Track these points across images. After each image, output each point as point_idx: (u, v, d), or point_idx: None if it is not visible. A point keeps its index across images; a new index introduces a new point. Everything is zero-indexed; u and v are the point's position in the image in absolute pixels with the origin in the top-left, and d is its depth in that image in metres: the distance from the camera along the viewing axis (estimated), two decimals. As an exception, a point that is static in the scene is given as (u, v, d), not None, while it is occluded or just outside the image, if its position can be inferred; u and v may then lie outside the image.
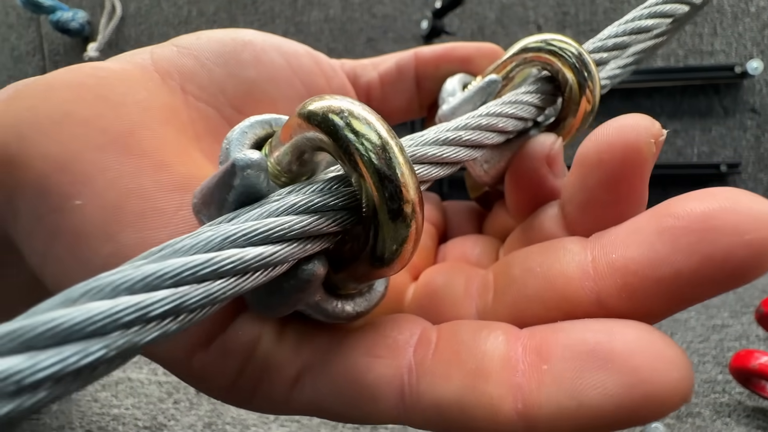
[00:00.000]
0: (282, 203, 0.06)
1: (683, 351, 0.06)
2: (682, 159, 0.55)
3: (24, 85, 0.08)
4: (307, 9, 0.63)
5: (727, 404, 0.22)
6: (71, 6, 0.70)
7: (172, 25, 0.69)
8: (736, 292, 0.40)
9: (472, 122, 0.09)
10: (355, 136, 0.06)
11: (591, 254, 0.07)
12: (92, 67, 0.08)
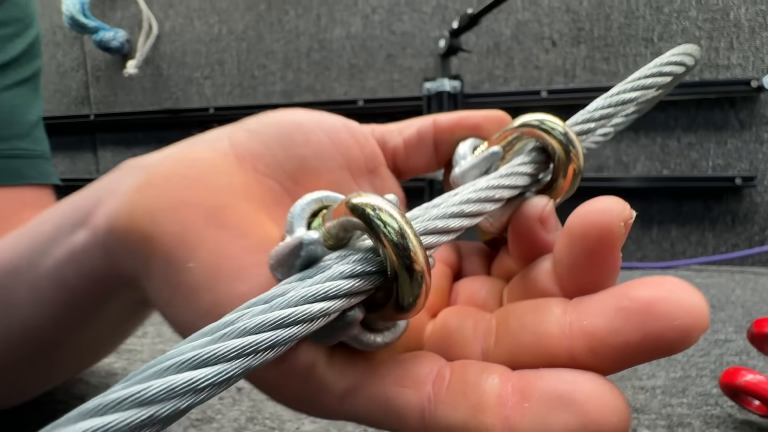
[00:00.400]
0: (335, 270, 0.09)
1: (624, 398, 0.08)
2: (696, 172, 0.56)
3: (148, 175, 0.11)
4: (330, 27, 0.66)
5: (717, 416, 0.24)
6: (112, 26, 0.75)
7: (203, 42, 0.73)
8: (745, 306, 0.41)
9: (473, 196, 0.11)
10: (383, 225, 0.09)
11: (569, 318, 0.09)
12: (191, 159, 0.11)
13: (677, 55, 0.15)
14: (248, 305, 0.08)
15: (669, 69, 0.15)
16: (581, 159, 0.13)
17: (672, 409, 0.24)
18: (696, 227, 0.57)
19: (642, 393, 0.26)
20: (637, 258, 0.59)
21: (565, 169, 0.13)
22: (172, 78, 0.75)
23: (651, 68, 0.15)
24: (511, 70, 0.60)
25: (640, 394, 0.26)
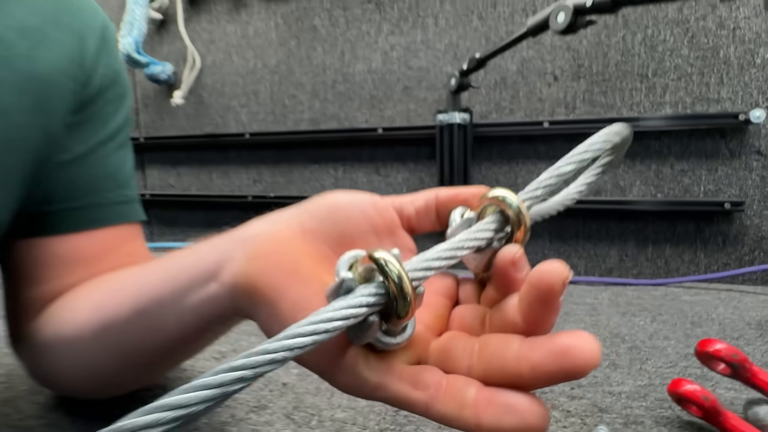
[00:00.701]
0: (359, 293, 0.15)
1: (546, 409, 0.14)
2: (689, 196, 0.60)
3: (254, 249, 0.17)
4: (352, 62, 0.73)
5: (667, 417, 0.29)
6: (160, 60, 0.84)
7: (240, 75, 0.81)
8: (722, 323, 0.45)
9: (448, 247, 0.17)
10: (388, 269, 0.15)
11: (522, 351, 0.14)
12: (277, 237, 0.18)
13: (605, 135, 0.20)
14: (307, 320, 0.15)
15: (598, 146, 0.20)
16: (527, 222, 0.18)
17: (631, 411, 0.29)
18: (689, 247, 0.61)
19: (609, 396, 0.31)
20: (633, 275, 0.64)
21: (518, 228, 0.18)
22: (212, 106, 0.84)
23: (584, 147, 0.19)
24: (516, 102, 0.65)
25: (608, 398, 0.31)
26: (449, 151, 0.65)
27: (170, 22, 0.83)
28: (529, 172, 0.66)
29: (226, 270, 0.18)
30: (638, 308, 0.50)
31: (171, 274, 0.21)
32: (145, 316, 0.21)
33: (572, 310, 0.49)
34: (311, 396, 0.31)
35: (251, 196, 0.81)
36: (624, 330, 0.43)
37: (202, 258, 0.20)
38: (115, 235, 0.31)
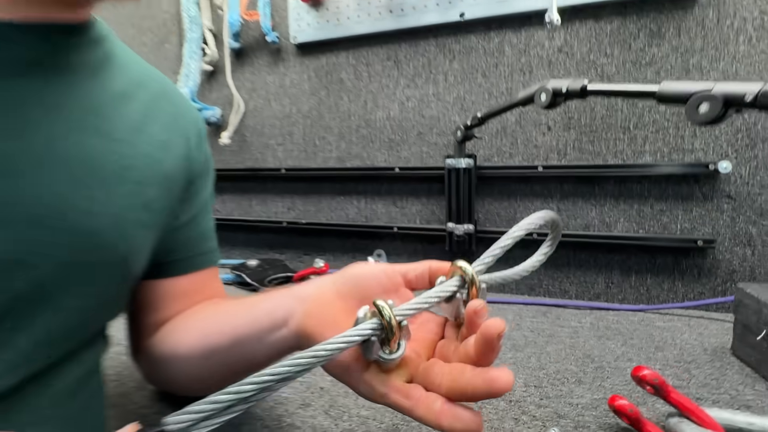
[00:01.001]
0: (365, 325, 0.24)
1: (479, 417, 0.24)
2: (667, 233, 0.68)
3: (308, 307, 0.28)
4: (374, 110, 0.84)
5: (608, 424, 0.38)
6: (210, 105, 0.97)
7: (278, 118, 0.94)
8: (683, 348, 0.53)
9: (423, 298, 0.27)
10: (384, 312, 0.24)
11: (470, 376, 0.24)
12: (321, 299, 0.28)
13: (533, 218, 0.29)
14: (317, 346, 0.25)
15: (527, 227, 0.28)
16: (478, 283, 0.27)
17: (582, 418, 0.38)
18: (667, 277, 0.69)
19: (569, 406, 0.40)
20: (618, 300, 0.71)
21: (472, 287, 0.27)
22: (253, 144, 0.96)
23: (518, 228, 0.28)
24: (515, 148, 0.75)
25: (567, 407, 0.40)
26: (456, 190, 0.75)
27: (219, 72, 0.96)
28: (526, 207, 0.75)
29: (291, 322, 0.29)
30: (614, 332, 0.58)
31: (255, 318, 0.32)
32: (239, 347, 0.32)
33: (556, 332, 0.58)
34: (342, 398, 0.42)
35: (285, 222, 0.93)
36: (596, 352, 0.52)
37: (275, 310, 0.31)
38: (205, 276, 0.42)
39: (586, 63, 0.69)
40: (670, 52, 0.65)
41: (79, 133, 0.29)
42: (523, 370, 0.47)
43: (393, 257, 0.86)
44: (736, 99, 0.33)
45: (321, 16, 0.84)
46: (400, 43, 0.80)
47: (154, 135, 0.36)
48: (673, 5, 0.64)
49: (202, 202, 0.42)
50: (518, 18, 0.71)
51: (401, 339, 0.25)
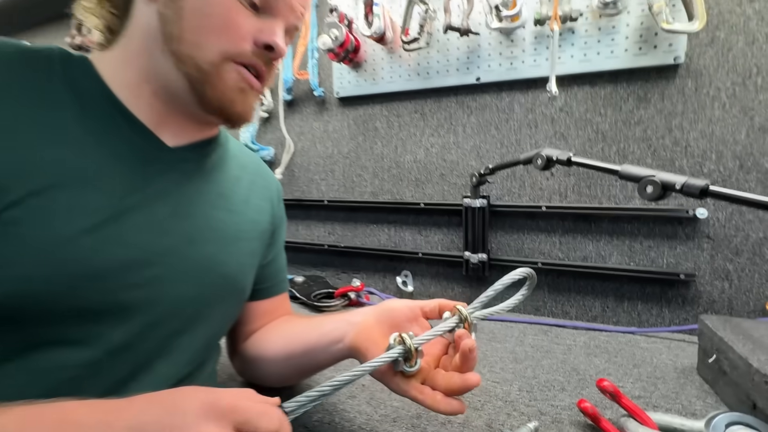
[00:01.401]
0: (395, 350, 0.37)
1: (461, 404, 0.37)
2: (654, 266, 0.78)
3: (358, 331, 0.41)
4: (403, 154, 0.99)
5: (578, 421, 0.49)
6: (265, 145, 1.15)
7: (321, 158, 1.10)
8: (657, 367, 0.63)
9: (433, 330, 0.40)
10: (407, 342, 0.38)
11: (457, 379, 0.37)
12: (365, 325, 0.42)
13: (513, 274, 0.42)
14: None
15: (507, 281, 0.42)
16: (470, 320, 0.40)
17: (558, 415, 0.51)
18: (656, 304, 0.79)
19: (550, 407, 0.53)
20: (613, 322, 0.82)
21: (465, 322, 0.41)
22: (300, 178, 1.13)
23: (500, 282, 0.42)
24: (523, 190, 0.87)
25: (549, 407, 0.52)
26: (472, 224, 0.88)
27: (273, 118, 1.14)
28: (532, 240, 0.87)
29: (346, 339, 0.42)
30: (602, 350, 0.69)
31: (321, 334, 0.46)
32: (309, 354, 0.47)
33: (552, 348, 0.70)
34: (379, 392, 0.56)
35: (327, 245, 1.09)
36: (582, 367, 0.63)
37: (335, 330, 0.44)
38: (280, 299, 0.58)
39: (584, 121, 0.81)
40: (655, 114, 0.76)
41: (215, 210, 0.45)
42: (519, 379, 0.59)
43: (418, 277, 1.00)
44: (670, 185, 0.45)
45: (360, 76, 1.00)
46: (426, 99, 0.95)
47: (255, 203, 0.52)
48: (658, 75, 0.75)
49: (280, 245, 0.58)
50: (525, 82, 0.84)
51: (418, 358, 0.39)
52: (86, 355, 0.33)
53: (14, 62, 0.34)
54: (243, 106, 0.40)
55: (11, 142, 0.31)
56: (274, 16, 0.39)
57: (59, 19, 1.54)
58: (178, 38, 0.37)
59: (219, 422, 0.26)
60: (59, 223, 0.32)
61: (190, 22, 0.36)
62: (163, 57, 0.37)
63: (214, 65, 0.37)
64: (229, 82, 0.38)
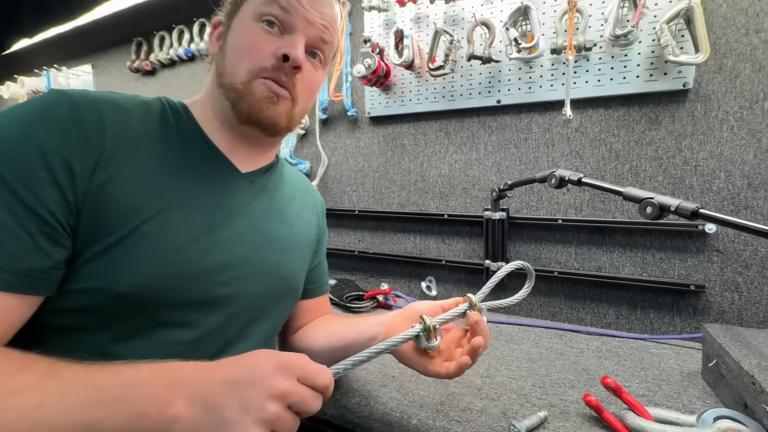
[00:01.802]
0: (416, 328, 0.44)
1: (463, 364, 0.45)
2: (666, 277, 0.82)
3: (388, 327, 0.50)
4: (428, 169, 1.07)
5: (583, 413, 0.55)
6: (302, 159, 1.26)
7: (353, 171, 1.19)
8: (664, 370, 0.68)
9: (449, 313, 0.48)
10: (426, 320, 0.46)
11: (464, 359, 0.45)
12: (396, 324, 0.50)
13: (509, 266, 0.49)
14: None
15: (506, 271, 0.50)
16: (479, 305, 0.48)
17: (566, 407, 0.57)
18: (667, 313, 0.83)
19: (560, 400, 0.59)
20: (626, 329, 0.87)
21: (475, 308, 0.48)
22: (333, 190, 1.23)
23: (500, 272, 0.50)
24: (540, 204, 0.93)
25: (559, 400, 0.59)
26: (492, 235, 0.95)
27: (310, 135, 1.24)
28: (549, 251, 0.93)
29: (380, 337, 0.50)
30: (613, 354, 0.75)
31: (358, 332, 0.54)
32: (348, 349, 0.54)
33: (566, 351, 0.76)
34: (407, 382, 0.64)
35: (357, 251, 1.18)
36: (592, 368, 0.69)
37: (369, 329, 0.52)
38: (323, 299, 0.67)
39: (598, 140, 0.86)
40: (666, 135, 0.81)
41: (277, 223, 0.55)
42: (533, 376, 0.66)
43: (441, 283, 1.07)
44: (666, 207, 0.51)
45: (389, 98, 1.09)
46: (450, 119, 1.03)
47: (305, 217, 0.61)
48: (668, 99, 0.80)
49: (323, 252, 0.68)
50: (543, 104, 0.91)
51: (437, 336, 0.46)
52: (189, 335, 0.43)
53: (140, 111, 0.45)
54: (271, 113, 0.46)
55: (147, 175, 0.41)
56: (294, 32, 0.46)
57: (121, 44, 1.71)
58: (222, 73, 0.47)
59: (287, 375, 0.34)
60: (173, 235, 0.42)
61: (229, 57, 0.46)
62: (218, 91, 0.48)
63: (244, 84, 0.45)
64: (257, 94, 0.46)
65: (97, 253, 0.38)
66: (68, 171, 0.37)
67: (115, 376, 0.33)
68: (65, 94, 0.39)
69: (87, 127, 0.39)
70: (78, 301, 0.38)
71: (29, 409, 0.29)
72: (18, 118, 0.37)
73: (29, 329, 0.37)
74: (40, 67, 1.93)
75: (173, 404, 0.32)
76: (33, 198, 0.35)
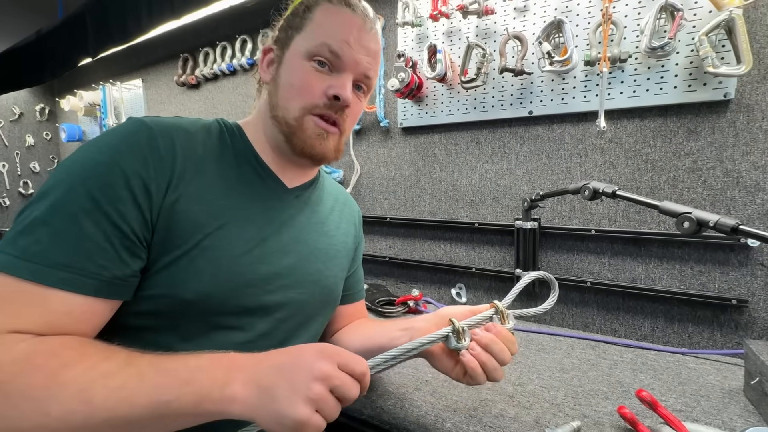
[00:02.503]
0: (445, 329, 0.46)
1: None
2: (705, 290, 0.80)
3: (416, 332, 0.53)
4: (459, 178, 1.09)
5: (617, 425, 0.55)
6: (336, 168, 1.31)
7: (385, 179, 1.23)
8: (703, 386, 0.67)
9: (474, 318, 0.49)
10: (455, 323, 0.48)
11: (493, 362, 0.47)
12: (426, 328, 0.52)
13: (530, 275, 0.51)
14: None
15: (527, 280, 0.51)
16: (505, 312, 0.50)
17: (601, 419, 0.57)
18: (707, 327, 0.81)
19: (593, 412, 0.59)
20: (663, 342, 0.85)
21: (501, 314, 0.51)
22: (366, 198, 1.27)
23: (521, 281, 0.51)
24: (573, 214, 0.93)
25: (592, 412, 0.59)
26: (523, 244, 0.95)
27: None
28: (582, 261, 0.92)
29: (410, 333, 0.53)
30: (648, 368, 0.74)
31: (391, 338, 0.56)
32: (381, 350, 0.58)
33: (599, 362, 0.76)
34: (440, 387, 0.66)
35: (388, 257, 1.21)
36: (627, 380, 0.69)
37: (403, 336, 0.53)
38: (359, 304, 0.71)
39: (633, 151, 0.86)
40: (706, 146, 0.79)
41: (319, 235, 0.58)
42: (565, 386, 0.67)
43: (471, 290, 1.08)
44: (704, 222, 0.51)
45: (421, 109, 1.12)
46: (482, 130, 1.04)
47: (344, 228, 0.65)
48: (708, 110, 0.78)
49: (359, 260, 0.71)
50: (576, 115, 0.91)
51: (465, 337, 0.48)
52: (243, 337, 0.48)
53: (203, 135, 0.50)
54: (322, 148, 0.51)
55: (208, 194, 0.46)
56: (342, 71, 0.50)
57: (168, 60, 1.84)
58: (275, 106, 0.51)
59: (328, 360, 0.38)
60: (230, 248, 0.46)
61: (283, 92, 0.50)
62: (271, 122, 0.52)
63: (297, 119, 0.49)
64: (308, 130, 0.50)
65: (166, 263, 0.43)
66: (146, 192, 0.41)
67: (182, 363, 0.37)
68: (143, 123, 0.45)
69: (161, 152, 0.44)
70: (150, 305, 0.43)
71: (114, 390, 0.34)
72: (106, 145, 0.42)
73: (108, 328, 0.43)
74: (96, 81, 2.09)
75: (231, 386, 0.36)
76: (118, 216, 0.40)
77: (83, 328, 0.38)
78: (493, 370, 0.46)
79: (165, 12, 1.10)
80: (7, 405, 0.31)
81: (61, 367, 0.33)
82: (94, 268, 0.38)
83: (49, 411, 0.31)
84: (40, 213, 0.37)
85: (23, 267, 0.35)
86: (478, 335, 0.46)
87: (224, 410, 0.36)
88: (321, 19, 0.49)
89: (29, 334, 0.35)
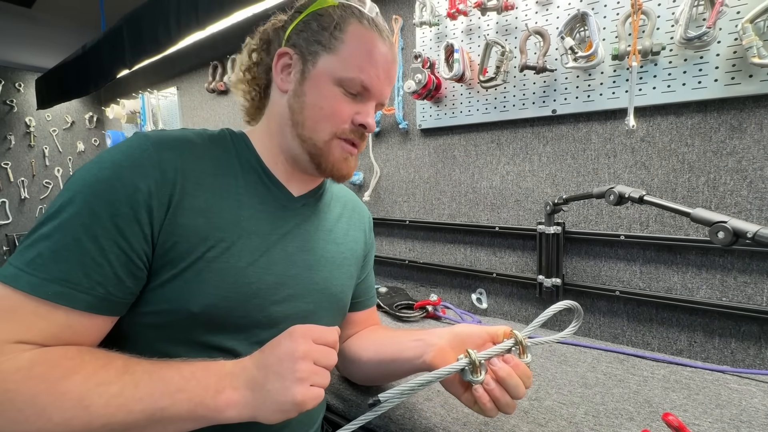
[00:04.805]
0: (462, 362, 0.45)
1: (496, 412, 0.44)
2: (751, 303, 0.73)
3: (436, 350, 0.51)
4: (479, 180, 1.05)
5: None
6: (356, 170, 1.31)
7: (404, 182, 1.22)
8: (745, 410, 0.60)
9: (493, 349, 0.47)
10: (472, 356, 0.46)
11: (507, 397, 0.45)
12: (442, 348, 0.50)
13: (558, 305, 0.47)
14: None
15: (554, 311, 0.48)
16: (524, 343, 0.47)
17: (624, 442, 0.53)
18: (753, 344, 0.73)
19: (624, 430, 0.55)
20: (702, 358, 0.78)
21: (520, 345, 0.48)
22: (385, 200, 1.26)
23: (548, 311, 0.47)
24: (600, 218, 0.88)
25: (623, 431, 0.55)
26: (546, 249, 0.91)
27: (363, 147, 1.29)
28: (610, 268, 0.87)
29: (425, 357, 0.50)
30: (682, 386, 0.68)
31: (405, 348, 0.55)
32: (394, 363, 0.56)
33: (626, 378, 0.71)
34: (451, 399, 0.64)
35: (407, 260, 1.20)
36: (656, 400, 0.64)
37: (416, 348, 0.53)
38: (371, 311, 0.70)
39: (668, 151, 0.79)
40: (752, 144, 0.71)
41: (325, 243, 0.58)
42: (586, 403, 0.63)
43: (492, 296, 1.05)
44: (741, 233, 0.46)
45: (440, 110, 1.09)
46: (502, 130, 1.00)
47: (353, 235, 0.64)
48: (755, 104, 0.71)
49: (370, 266, 0.70)
50: (603, 113, 0.85)
51: (481, 371, 0.46)
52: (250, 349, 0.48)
53: (209, 145, 0.51)
54: (347, 170, 0.54)
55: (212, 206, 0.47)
56: (367, 99, 0.51)
57: (200, 68, 1.91)
58: (301, 125, 0.51)
59: (303, 340, 0.41)
60: (235, 260, 0.47)
61: (310, 113, 0.50)
62: (292, 137, 0.52)
63: (325, 143, 0.51)
64: (336, 154, 0.51)
65: (172, 276, 0.44)
66: (148, 207, 0.42)
67: (176, 370, 0.39)
68: (146, 138, 0.46)
69: (163, 166, 0.44)
70: (156, 318, 0.44)
71: (112, 396, 0.36)
72: (109, 161, 0.43)
73: (114, 335, 0.44)
74: (136, 90, 2.22)
75: (223, 393, 0.39)
76: (117, 232, 0.40)
77: (84, 340, 0.40)
78: (506, 406, 0.44)
79: (191, 23, 1.15)
80: (12, 410, 0.33)
81: (62, 376, 0.35)
82: (88, 283, 0.39)
83: (51, 417, 0.33)
84: (45, 228, 0.39)
85: (24, 279, 0.37)
86: (495, 366, 0.45)
87: (219, 416, 0.39)
88: (353, 46, 0.50)
89: (33, 344, 0.37)
